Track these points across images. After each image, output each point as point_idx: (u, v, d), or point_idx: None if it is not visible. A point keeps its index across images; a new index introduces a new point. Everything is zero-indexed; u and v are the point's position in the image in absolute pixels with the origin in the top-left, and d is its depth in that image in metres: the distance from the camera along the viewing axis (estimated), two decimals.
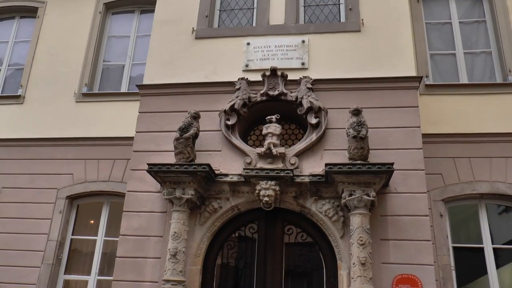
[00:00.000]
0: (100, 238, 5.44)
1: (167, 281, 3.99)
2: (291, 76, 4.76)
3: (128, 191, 4.62)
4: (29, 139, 5.93)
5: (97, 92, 6.25)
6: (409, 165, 4.28)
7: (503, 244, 4.91)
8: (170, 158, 4.44)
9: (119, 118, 5.78)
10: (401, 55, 4.73)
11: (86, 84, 6.20)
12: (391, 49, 4.77)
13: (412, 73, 4.68)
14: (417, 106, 4.52)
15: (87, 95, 6.14)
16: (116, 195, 5.51)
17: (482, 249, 4.84)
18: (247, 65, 4.97)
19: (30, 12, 6.89)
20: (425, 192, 4.21)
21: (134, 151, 4.78)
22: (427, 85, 5.48)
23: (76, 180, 5.64)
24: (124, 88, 6.22)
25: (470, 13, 6.03)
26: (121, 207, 4.66)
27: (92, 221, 5.68)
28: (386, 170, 3.93)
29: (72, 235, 5.57)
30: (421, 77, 4.75)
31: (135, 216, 4.47)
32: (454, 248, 4.86)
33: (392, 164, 3.95)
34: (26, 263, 5.31)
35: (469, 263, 4.90)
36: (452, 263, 4.77)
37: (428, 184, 4.42)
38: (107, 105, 5.98)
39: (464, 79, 5.59)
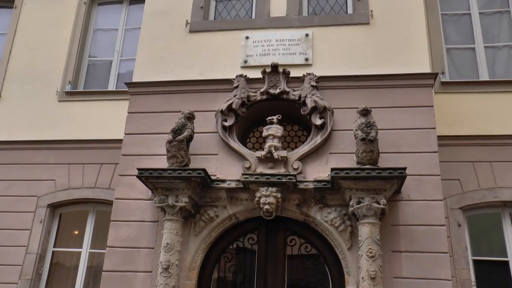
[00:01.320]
0: (85, 250, 5.53)
1: None
2: (294, 73, 4.86)
3: (116, 198, 4.71)
4: (6, 142, 6.02)
5: (82, 90, 6.36)
6: (423, 170, 4.36)
7: None
8: (162, 163, 4.54)
9: (106, 119, 5.88)
10: (414, 50, 4.83)
11: (69, 82, 6.30)
12: (403, 43, 4.87)
13: (427, 69, 4.77)
14: (432, 106, 4.61)
15: (71, 94, 6.25)
16: (102, 203, 5.60)
17: (506, 263, 4.89)
18: (245, 61, 5.08)
19: (6, 2, 6.97)
20: (441, 200, 4.29)
21: (123, 155, 4.87)
22: (443, 83, 5.58)
23: (58, 186, 5.73)
24: (111, 86, 6.32)
25: (492, 3, 6.12)
26: (108, 216, 4.75)
27: (76, 232, 5.77)
28: (398, 176, 4.00)
29: (54, 247, 5.65)
30: (437, 74, 4.84)
31: (123, 226, 4.56)
32: (475, 262, 4.93)
33: (405, 168, 4.03)
34: (1, 279, 5.37)
35: (491, 278, 4.93)
36: (473, 278, 4.84)
37: (444, 190, 4.51)
38: (93, 104, 6.08)
39: (484, 76, 5.68)
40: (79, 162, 5.79)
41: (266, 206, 4.22)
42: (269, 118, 4.63)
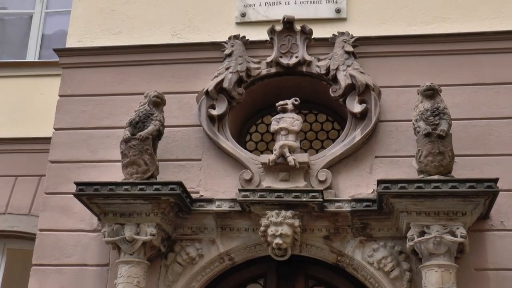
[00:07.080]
0: None
1: None
2: (318, 32, 4.88)
3: (40, 230, 4.71)
4: None
5: None
6: None
7: None
8: (114, 173, 4.55)
9: (23, 106, 5.93)
10: None
11: None
12: None
13: None
14: None
15: None
16: (18, 238, 5.64)
17: None
18: (243, 14, 5.11)
19: None
20: None
21: (52, 162, 4.88)
22: None
23: None
24: (32, 55, 6.39)
25: None
26: (29, 257, 4.74)
27: None
28: (486, 191, 4.00)
29: None
30: None
31: (53, 274, 4.56)
32: None
33: (496, 180, 4.02)
34: None
35: None
36: None
37: None
38: (3, 83, 6.12)
39: None
40: None
41: (277, 240, 4.21)
42: (281, 103, 4.64)
